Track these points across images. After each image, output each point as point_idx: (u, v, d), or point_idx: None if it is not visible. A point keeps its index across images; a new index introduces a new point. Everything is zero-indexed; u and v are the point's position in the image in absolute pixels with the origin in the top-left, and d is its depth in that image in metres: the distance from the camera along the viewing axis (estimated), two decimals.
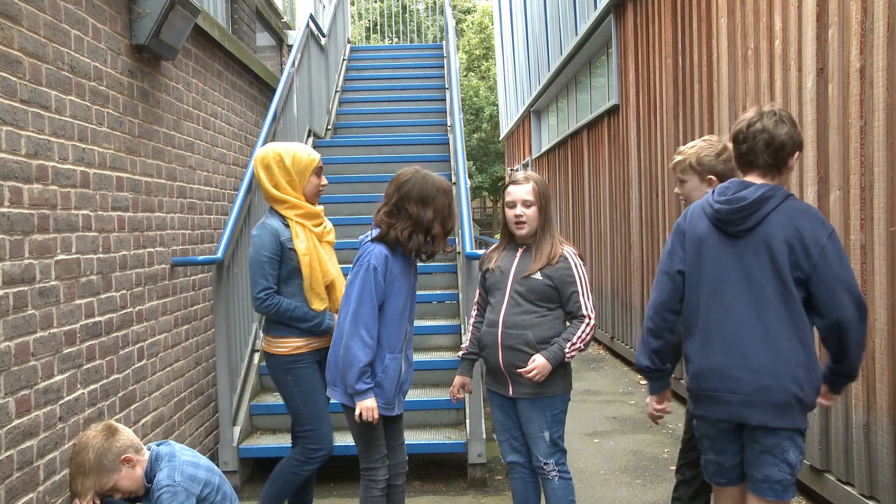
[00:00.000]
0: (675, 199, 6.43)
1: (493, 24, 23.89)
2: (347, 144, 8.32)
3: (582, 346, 3.22)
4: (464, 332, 5.38)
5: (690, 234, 2.62)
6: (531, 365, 3.18)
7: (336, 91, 9.72)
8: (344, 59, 10.68)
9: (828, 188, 4.06)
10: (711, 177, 3.06)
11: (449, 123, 8.50)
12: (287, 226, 3.57)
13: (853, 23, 3.78)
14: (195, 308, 5.00)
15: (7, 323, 2.96)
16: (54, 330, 3.29)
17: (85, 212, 3.59)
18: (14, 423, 2.97)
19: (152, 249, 4.34)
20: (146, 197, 4.28)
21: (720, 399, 2.53)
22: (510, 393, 3.32)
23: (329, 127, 8.88)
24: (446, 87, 9.74)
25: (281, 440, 4.91)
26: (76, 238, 3.50)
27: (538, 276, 3.25)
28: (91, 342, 3.60)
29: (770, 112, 2.54)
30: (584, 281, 3.28)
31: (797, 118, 4.33)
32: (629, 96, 7.98)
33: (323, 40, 8.82)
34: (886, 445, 3.55)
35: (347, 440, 4.81)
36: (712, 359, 2.54)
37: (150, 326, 4.28)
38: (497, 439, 3.51)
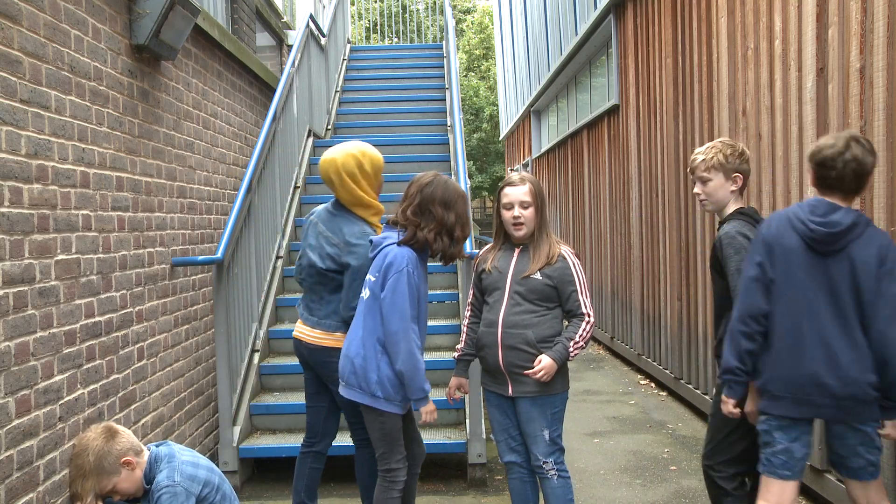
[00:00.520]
0: (674, 200, 6.43)
1: (493, 24, 23.89)
2: None
3: (583, 343, 3.26)
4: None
5: (779, 247, 2.82)
6: (538, 366, 3.20)
7: (336, 91, 9.72)
8: (344, 59, 10.68)
9: None
10: (737, 174, 3.14)
11: (449, 123, 8.49)
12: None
13: (853, 23, 3.78)
14: (195, 308, 5.00)
15: (7, 323, 2.96)
16: (54, 330, 3.29)
17: (85, 212, 3.59)
18: (14, 423, 2.98)
19: (152, 249, 4.34)
20: (146, 197, 4.28)
21: (811, 401, 2.78)
22: (510, 392, 3.33)
23: (329, 127, 8.88)
24: (446, 87, 9.74)
25: (281, 440, 4.92)
26: (76, 238, 3.50)
27: (538, 275, 3.28)
28: (91, 342, 3.60)
29: (857, 140, 2.76)
30: (582, 280, 3.31)
31: (797, 118, 4.33)
32: (629, 96, 7.98)
33: (323, 40, 8.82)
34: (886, 445, 3.55)
35: (347, 440, 4.81)
36: (804, 365, 2.78)
37: (150, 326, 4.28)
38: (495, 439, 3.52)
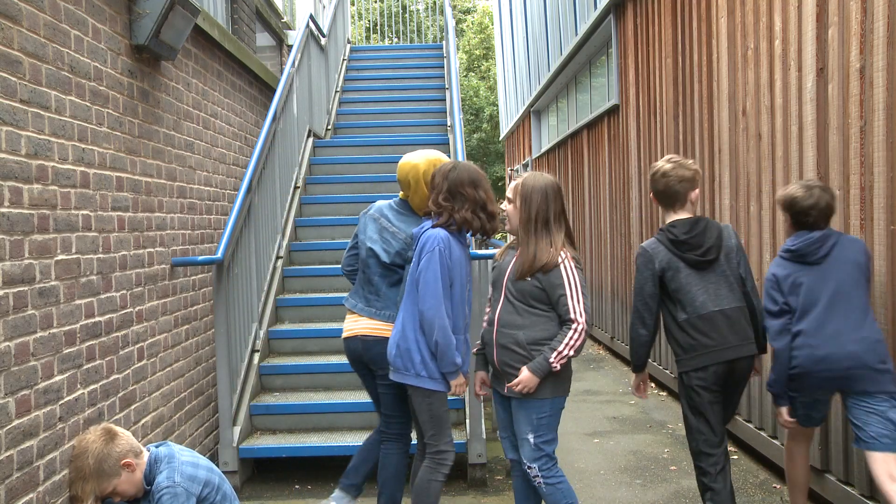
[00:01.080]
0: None
1: (493, 24, 23.88)
2: (347, 145, 8.31)
3: (571, 352, 3.18)
4: None
5: (784, 279, 3.41)
6: (517, 379, 3.19)
7: (336, 91, 9.71)
8: (344, 60, 10.68)
9: None
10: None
11: (449, 123, 8.49)
12: None
13: (853, 23, 3.78)
14: (195, 308, 5.00)
15: (7, 323, 2.96)
16: (54, 330, 3.29)
17: (85, 212, 3.59)
18: (14, 424, 2.98)
19: (152, 249, 4.34)
20: (146, 197, 4.28)
21: (829, 377, 3.29)
22: (504, 390, 3.32)
23: (329, 127, 8.88)
24: (446, 87, 9.73)
25: (281, 440, 4.92)
26: (76, 238, 3.50)
27: (529, 278, 3.24)
28: (91, 342, 3.60)
29: (822, 189, 3.40)
30: (575, 283, 3.20)
31: (797, 118, 4.33)
32: (629, 96, 7.98)
33: (323, 40, 8.81)
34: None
35: (348, 440, 4.82)
36: (818, 350, 3.29)
37: (150, 326, 4.28)
38: (499, 436, 3.52)
